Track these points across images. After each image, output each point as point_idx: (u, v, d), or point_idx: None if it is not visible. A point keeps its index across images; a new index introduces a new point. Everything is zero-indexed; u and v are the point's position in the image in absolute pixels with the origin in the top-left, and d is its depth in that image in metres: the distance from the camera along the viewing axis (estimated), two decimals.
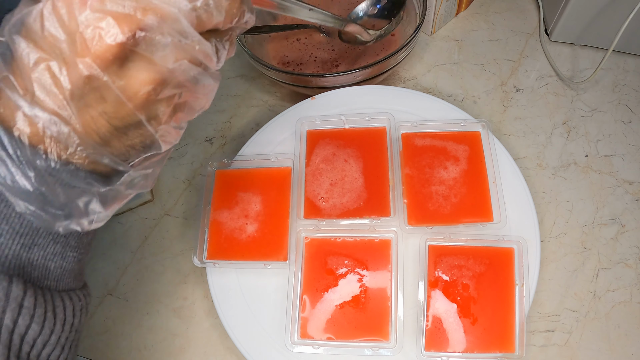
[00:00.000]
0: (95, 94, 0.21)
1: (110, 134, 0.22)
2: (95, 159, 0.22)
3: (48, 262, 0.25)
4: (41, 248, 0.24)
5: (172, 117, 0.24)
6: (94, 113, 0.22)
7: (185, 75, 0.22)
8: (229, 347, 0.48)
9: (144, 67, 0.21)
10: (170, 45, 0.21)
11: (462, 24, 0.67)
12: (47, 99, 0.21)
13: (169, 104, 0.23)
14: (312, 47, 0.62)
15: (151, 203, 0.57)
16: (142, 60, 0.21)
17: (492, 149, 0.50)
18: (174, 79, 0.22)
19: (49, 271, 0.25)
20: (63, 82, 0.20)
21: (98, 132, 0.22)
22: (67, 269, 0.26)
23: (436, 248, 0.46)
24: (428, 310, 0.44)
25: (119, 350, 0.49)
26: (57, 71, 0.20)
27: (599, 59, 0.61)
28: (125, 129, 0.23)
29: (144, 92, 0.21)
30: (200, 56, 0.22)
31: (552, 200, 0.53)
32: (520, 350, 0.42)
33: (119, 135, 0.23)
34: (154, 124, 0.23)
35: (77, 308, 0.26)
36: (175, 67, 0.22)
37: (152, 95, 0.22)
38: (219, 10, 0.22)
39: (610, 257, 0.50)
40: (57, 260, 0.25)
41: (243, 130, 0.61)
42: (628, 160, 0.55)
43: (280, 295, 0.46)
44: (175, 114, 0.24)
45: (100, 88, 0.21)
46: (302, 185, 0.50)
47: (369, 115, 0.53)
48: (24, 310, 0.23)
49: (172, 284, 0.52)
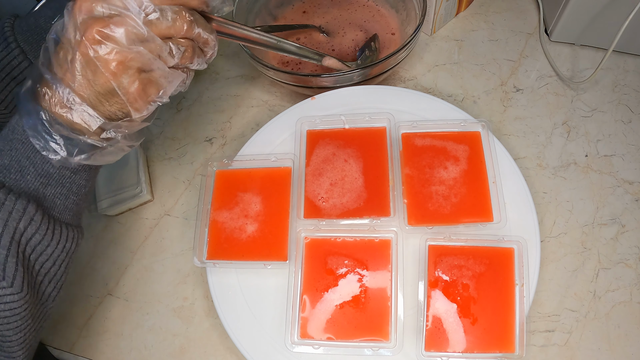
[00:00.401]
0: (85, 66, 0.31)
1: (96, 98, 0.32)
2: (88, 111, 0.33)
3: (55, 199, 0.35)
4: (53, 187, 0.34)
5: (141, 90, 0.33)
6: (84, 79, 0.32)
7: (143, 58, 0.32)
8: (229, 347, 0.48)
9: (111, 47, 0.31)
10: (123, 32, 0.30)
11: (462, 24, 0.67)
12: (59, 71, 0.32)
13: (134, 79, 0.32)
14: (312, 46, 0.62)
15: (151, 203, 0.57)
16: (110, 41, 0.30)
17: (492, 149, 0.50)
18: (134, 60, 0.31)
19: (55, 205, 0.35)
20: (72, 59, 0.31)
21: (88, 95, 0.32)
22: (68, 207, 0.36)
23: (436, 248, 0.46)
24: (428, 310, 0.44)
25: (119, 350, 0.49)
26: (67, 54, 0.31)
27: (599, 59, 0.61)
28: (106, 96, 0.32)
29: (113, 64, 0.31)
30: (155, 49, 0.32)
31: (552, 200, 0.53)
32: (520, 350, 0.42)
33: (103, 100, 0.33)
34: (123, 93, 0.32)
35: (71, 237, 0.36)
36: (133, 49, 0.31)
37: (118, 68, 0.31)
38: (166, 20, 0.32)
39: (610, 257, 0.50)
40: (61, 199, 0.35)
41: (243, 130, 0.61)
42: (628, 160, 0.55)
43: (280, 295, 0.46)
44: (144, 89, 0.33)
45: (88, 60, 0.31)
46: (302, 185, 0.50)
47: (369, 115, 0.53)
48: (32, 222, 0.33)
49: (172, 284, 0.52)
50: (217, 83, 0.65)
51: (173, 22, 0.32)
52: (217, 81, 0.65)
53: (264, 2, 0.63)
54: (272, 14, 0.65)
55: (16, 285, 0.32)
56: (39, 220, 0.33)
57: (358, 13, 0.64)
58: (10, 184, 0.33)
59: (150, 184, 0.58)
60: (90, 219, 0.57)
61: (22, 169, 0.33)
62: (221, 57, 0.68)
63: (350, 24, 0.63)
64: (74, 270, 0.53)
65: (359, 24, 0.63)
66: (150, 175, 0.59)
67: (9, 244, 0.32)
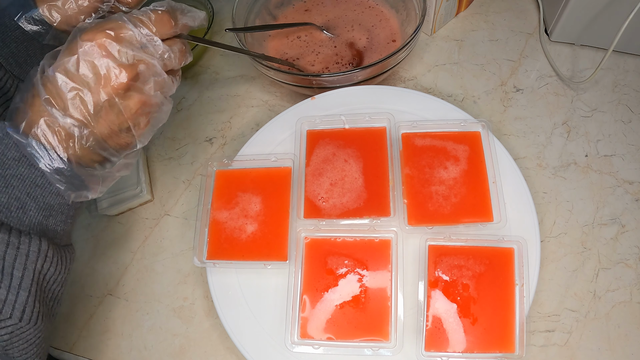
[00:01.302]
0: (106, 110, 0.34)
1: (110, 134, 0.35)
2: (97, 150, 0.35)
3: (57, 227, 0.36)
4: (54, 217, 0.35)
5: (148, 124, 0.37)
6: (104, 121, 0.34)
7: (157, 99, 0.36)
8: (229, 347, 0.48)
9: (137, 94, 0.35)
10: (152, 81, 0.35)
11: (462, 24, 0.67)
12: (75, 112, 0.33)
13: (146, 116, 0.37)
14: (313, 44, 0.62)
15: (151, 203, 0.57)
16: (136, 90, 0.35)
17: (492, 149, 0.50)
18: (151, 102, 0.36)
19: (57, 233, 0.36)
20: (88, 102, 0.33)
21: (103, 133, 0.35)
22: (67, 231, 0.37)
23: (436, 248, 0.46)
24: (428, 310, 0.44)
25: (119, 350, 0.49)
26: (84, 96, 0.33)
27: (599, 59, 0.61)
28: (120, 132, 0.36)
29: (135, 108, 0.35)
30: (166, 87, 0.37)
31: (552, 200, 0.53)
32: (520, 350, 0.42)
33: (115, 136, 0.36)
34: (137, 129, 0.36)
35: (70, 257, 0.38)
36: (154, 94, 0.36)
37: (139, 110, 0.35)
38: (175, 57, 0.36)
39: (610, 257, 0.50)
40: (62, 225, 0.36)
41: (243, 130, 0.61)
42: (628, 160, 0.55)
43: (280, 295, 0.46)
44: (150, 122, 0.37)
45: (111, 106, 0.34)
46: (302, 185, 0.50)
47: (369, 115, 0.53)
48: (47, 259, 0.34)
49: (172, 284, 0.52)
50: (217, 83, 0.65)
51: (177, 58, 0.36)
52: (217, 81, 0.65)
53: (263, 2, 0.63)
54: (272, 14, 0.65)
55: (33, 320, 0.33)
56: (52, 255, 0.34)
57: (358, 13, 0.64)
58: (13, 222, 0.33)
59: (150, 184, 0.58)
60: (90, 219, 0.57)
61: (23, 206, 0.33)
62: (221, 57, 0.68)
63: (351, 23, 0.63)
64: (74, 270, 0.53)
65: (360, 24, 0.63)
66: (150, 175, 0.59)
67: (29, 285, 0.33)
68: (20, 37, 0.40)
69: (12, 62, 0.41)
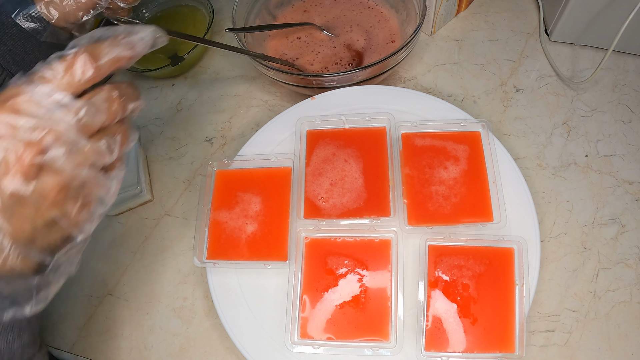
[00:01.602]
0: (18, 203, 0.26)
1: (33, 233, 0.28)
2: (25, 256, 0.28)
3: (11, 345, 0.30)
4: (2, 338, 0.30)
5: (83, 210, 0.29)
6: (19, 218, 0.27)
7: (86, 175, 0.28)
8: (229, 347, 0.48)
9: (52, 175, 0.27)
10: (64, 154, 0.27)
11: (462, 24, 0.67)
12: None
13: (76, 200, 0.29)
14: (313, 44, 0.62)
15: (151, 203, 0.57)
16: (49, 170, 0.27)
17: (492, 149, 0.50)
18: (76, 180, 0.28)
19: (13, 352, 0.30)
20: None
21: (24, 234, 0.27)
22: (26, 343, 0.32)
23: (436, 248, 0.46)
24: (428, 310, 0.44)
25: (119, 350, 0.49)
26: None
27: (599, 59, 0.61)
28: (46, 227, 0.28)
29: (53, 194, 0.27)
30: (93, 156, 0.28)
31: (552, 200, 0.53)
32: (520, 350, 0.42)
33: (42, 233, 0.28)
34: (65, 220, 0.28)
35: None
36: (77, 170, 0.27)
37: (60, 195, 0.27)
38: (101, 113, 0.28)
39: (610, 257, 0.50)
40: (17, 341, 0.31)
41: (243, 130, 0.61)
42: (628, 160, 0.55)
43: (280, 295, 0.46)
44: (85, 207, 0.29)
45: (22, 198, 0.26)
46: (302, 185, 0.50)
47: (369, 115, 0.53)
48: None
49: (172, 284, 0.52)
50: (217, 83, 0.65)
51: (106, 113, 0.28)
52: (217, 81, 0.65)
53: (263, 2, 0.63)
54: (272, 14, 0.65)
55: None
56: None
57: (357, 13, 0.64)
58: None
59: (150, 184, 0.58)
60: None
61: None
62: (221, 57, 0.68)
63: (351, 24, 0.63)
64: None
65: (359, 24, 0.63)
66: (150, 175, 0.59)
67: None
68: (18, 34, 0.39)
69: (9, 60, 0.40)
